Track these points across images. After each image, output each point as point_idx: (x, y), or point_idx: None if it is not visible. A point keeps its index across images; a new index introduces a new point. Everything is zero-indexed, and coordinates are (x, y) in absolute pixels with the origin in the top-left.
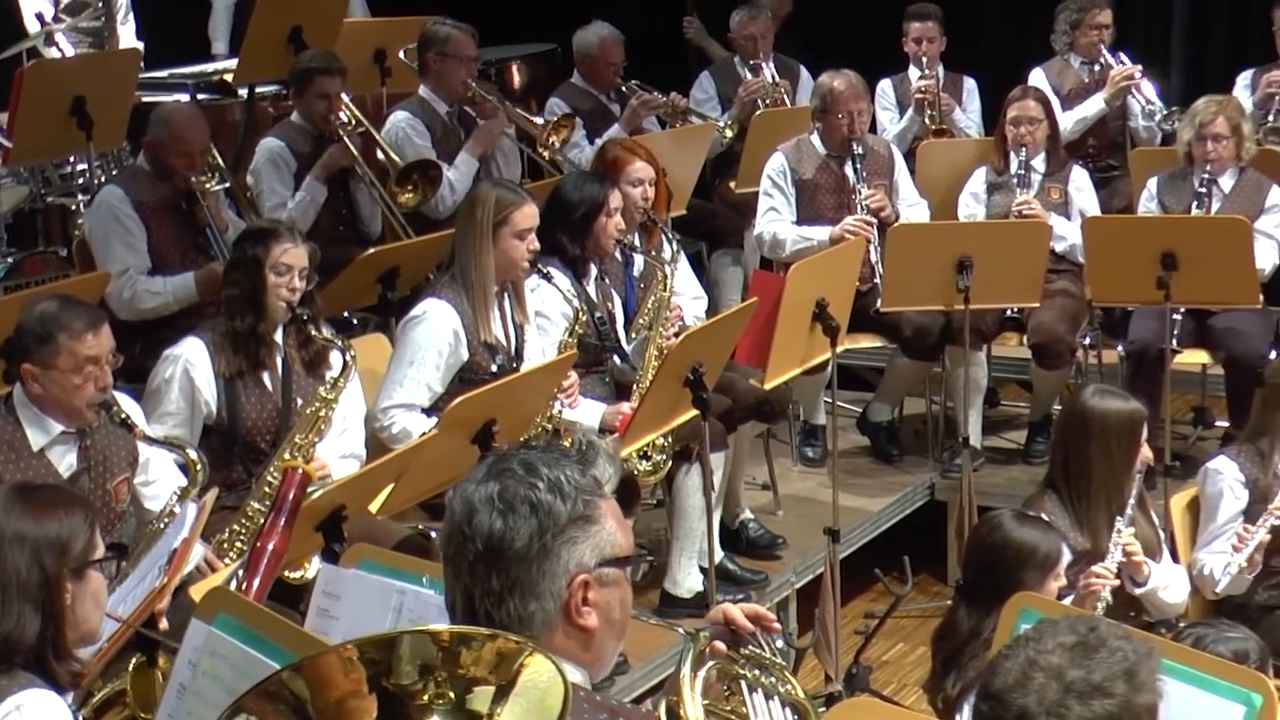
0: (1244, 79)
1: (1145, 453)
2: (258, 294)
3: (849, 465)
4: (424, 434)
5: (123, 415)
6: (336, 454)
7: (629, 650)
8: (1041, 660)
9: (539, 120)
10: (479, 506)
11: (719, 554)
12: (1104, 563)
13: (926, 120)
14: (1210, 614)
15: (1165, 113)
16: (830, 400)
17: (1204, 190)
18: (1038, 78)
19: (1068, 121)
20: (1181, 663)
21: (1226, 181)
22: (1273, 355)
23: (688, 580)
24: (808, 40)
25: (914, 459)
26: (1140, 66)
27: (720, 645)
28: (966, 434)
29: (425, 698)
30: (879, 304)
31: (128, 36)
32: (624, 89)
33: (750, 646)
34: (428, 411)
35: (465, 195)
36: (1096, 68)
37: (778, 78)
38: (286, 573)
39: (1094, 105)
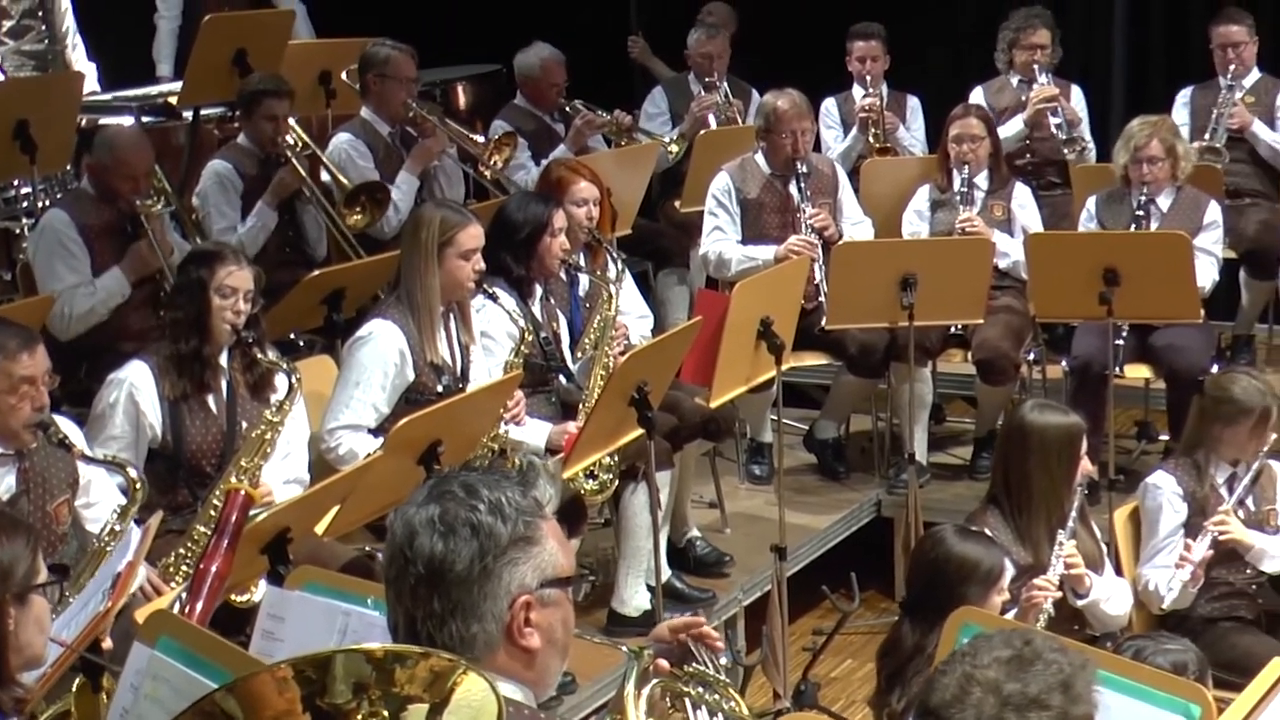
0: (1183, 96)
1: (1086, 466)
2: (202, 317)
3: (796, 483)
4: (369, 455)
5: (61, 436)
6: (281, 478)
7: (576, 670)
8: (978, 675)
9: (480, 139)
10: (420, 529)
11: (666, 572)
12: (1045, 575)
13: (870, 139)
14: (1153, 626)
15: (1068, 138)
16: (776, 418)
17: (1142, 211)
18: (977, 96)
19: None
20: (1121, 674)
21: (1164, 200)
22: (1214, 369)
23: (635, 599)
24: (753, 60)
25: (860, 476)
26: (1055, 89)
27: (664, 663)
28: (912, 450)
29: (359, 716)
30: (824, 322)
31: (80, 60)
32: (567, 109)
33: (694, 664)
34: (374, 432)
35: (410, 216)
36: (1036, 86)
37: (731, 97)
38: (233, 596)
39: (1014, 125)
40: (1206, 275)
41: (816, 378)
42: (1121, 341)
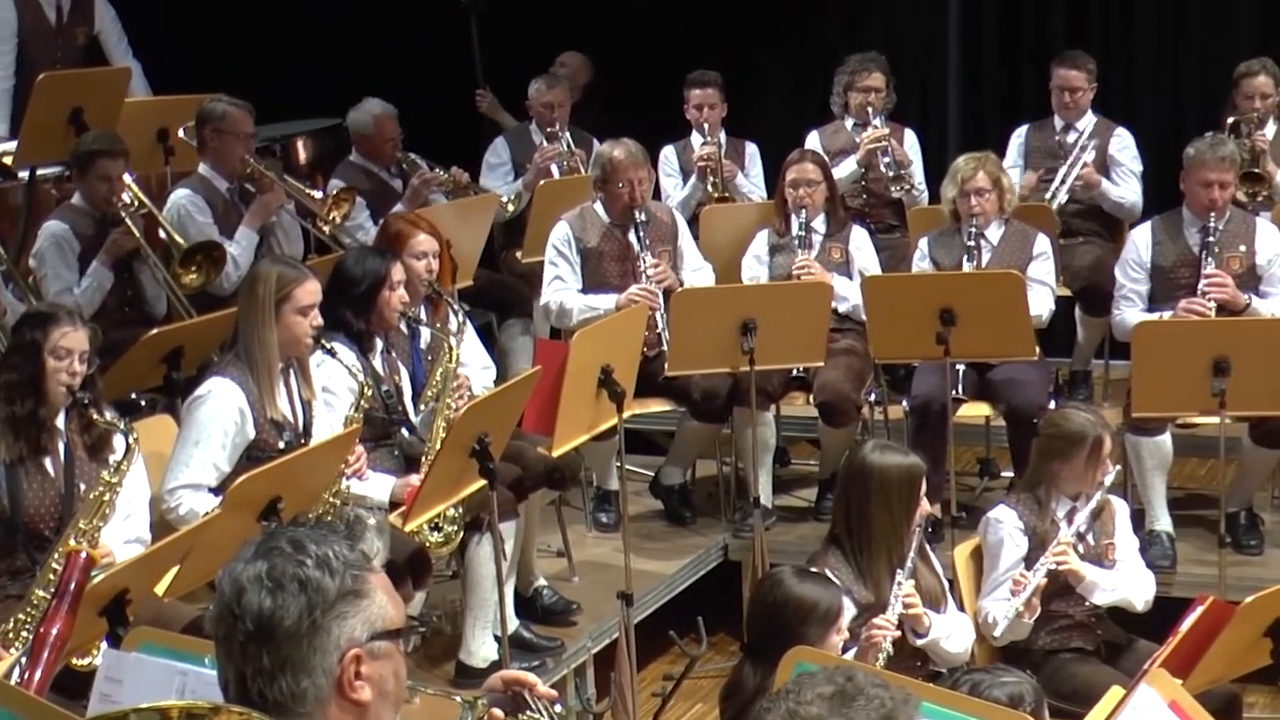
0: (1018, 135)
1: (925, 506)
2: (37, 379)
3: (642, 529)
4: (208, 514)
5: None
6: (121, 539)
7: None
8: (801, 711)
9: (318, 195)
10: (248, 586)
11: (513, 623)
12: (885, 615)
13: (709, 188)
14: (995, 659)
15: (894, 175)
16: (621, 465)
17: (973, 244)
18: (813, 140)
19: None
20: (949, 708)
21: (994, 233)
22: (1052, 405)
23: (483, 650)
24: (592, 110)
25: (707, 520)
26: (887, 130)
27: (498, 712)
28: (758, 494)
29: None
30: (666, 368)
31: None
32: (404, 164)
33: (528, 712)
34: (215, 491)
35: (247, 273)
36: (869, 129)
37: (574, 147)
38: (73, 660)
39: (848, 166)
40: (1043, 304)
41: (661, 424)
42: (960, 378)
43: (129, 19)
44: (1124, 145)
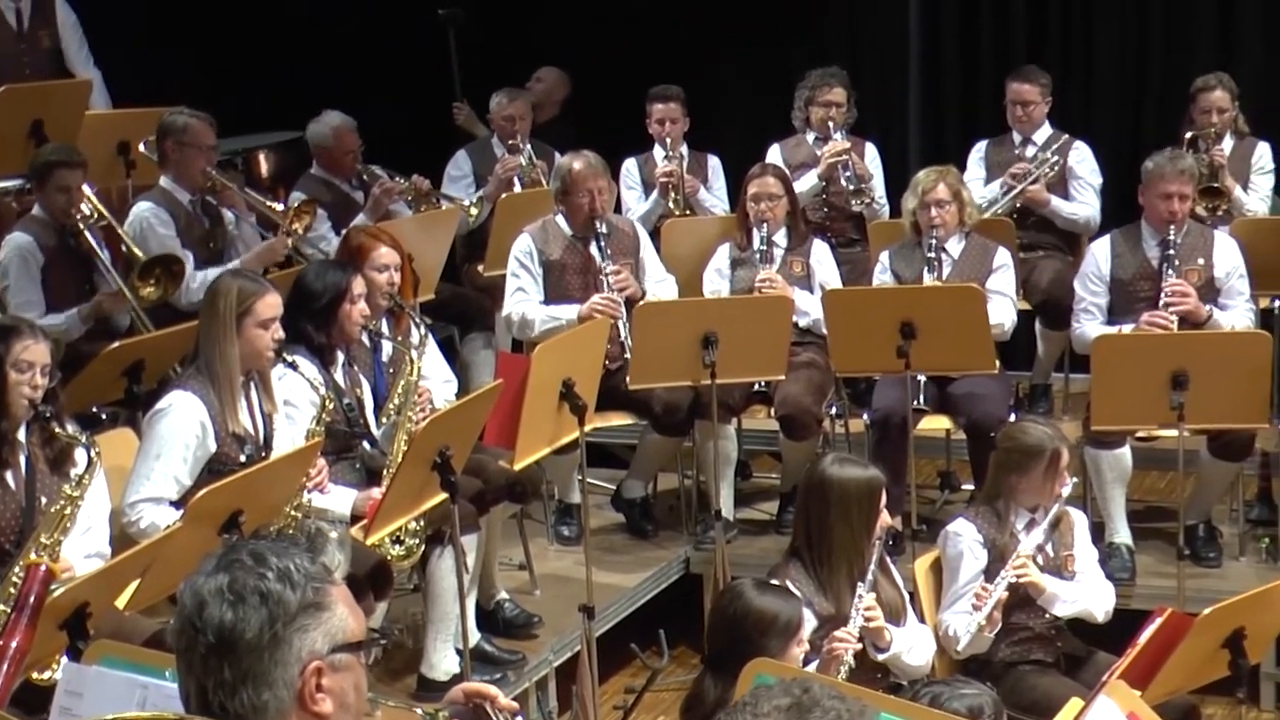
0: (978, 150)
1: (885, 519)
2: None
3: (604, 542)
4: (169, 527)
5: None
6: (82, 553)
7: None
8: None
9: (280, 207)
10: (209, 599)
11: (475, 636)
12: (846, 627)
13: (671, 204)
14: (955, 671)
15: (855, 189)
16: (583, 478)
17: (933, 256)
18: (774, 154)
19: None
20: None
21: (954, 246)
22: (1012, 419)
23: (444, 663)
24: (569, 123)
25: (669, 533)
26: (847, 144)
27: None
28: (719, 507)
29: None
30: (628, 381)
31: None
32: (365, 176)
33: None
34: (176, 505)
35: (208, 286)
36: (832, 143)
37: (535, 159)
38: (33, 674)
39: (809, 180)
40: (1004, 315)
41: (622, 437)
42: (921, 389)
43: (90, 29)
44: (1082, 158)
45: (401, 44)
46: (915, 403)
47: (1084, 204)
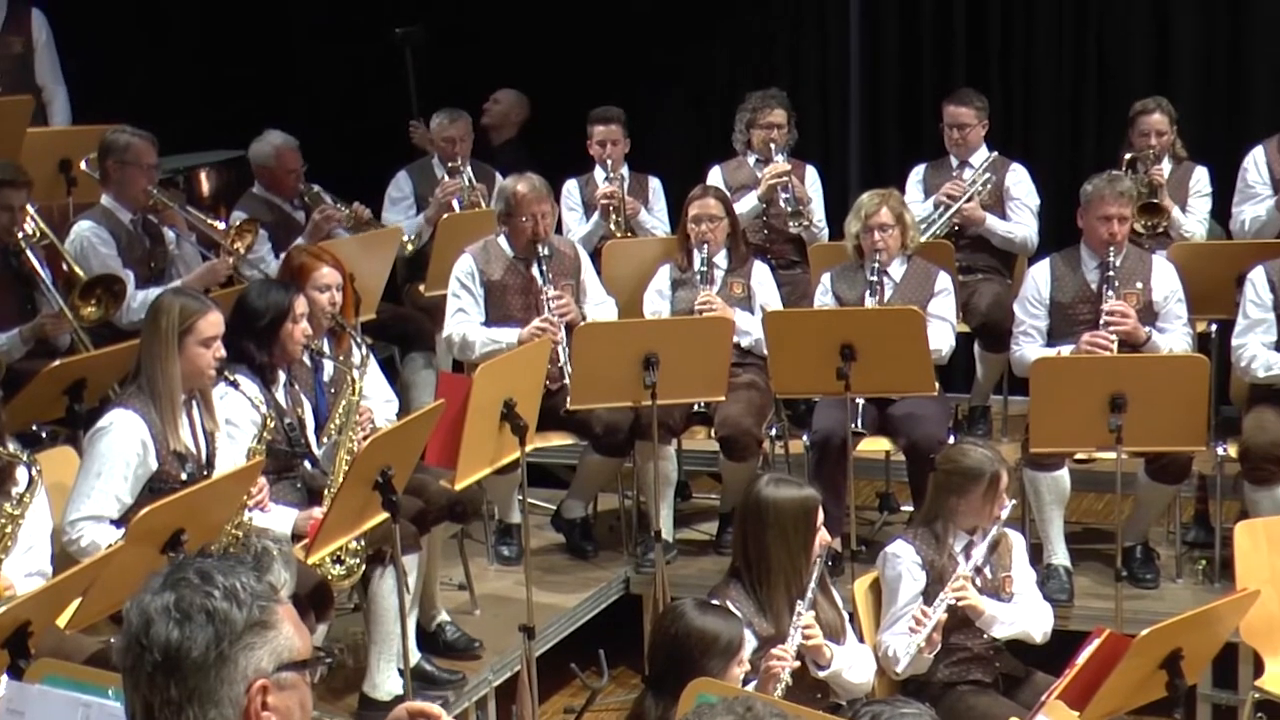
0: (916, 174)
1: (824, 537)
2: None
3: (544, 562)
4: (111, 546)
5: None
6: (23, 571)
7: None
8: None
9: (221, 226)
10: (155, 617)
11: (416, 655)
12: (783, 646)
13: (612, 226)
14: (894, 692)
15: (793, 211)
16: (523, 498)
17: (875, 279)
18: (715, 176)
19: None
20: None
21: (896, 270)
22: (951, 441)
23: (386, 683)
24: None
25: (609, 554)
26: (788, 166)
27: None
28: (659, 527)
29: None
30: (568, 402)
31: None
32: (306, 196)
33: None
34: (117, 523)
35: (150, 305)
36: (772, 165)
37: (475, 181)
38: None
39: (749, 202)
40: (943, 340)
41: (563, 457)
42: (860, 412)
43: None
44: (1019, 180)
45: (357, 62)
46: (854, 426)
47: (1020, 224)
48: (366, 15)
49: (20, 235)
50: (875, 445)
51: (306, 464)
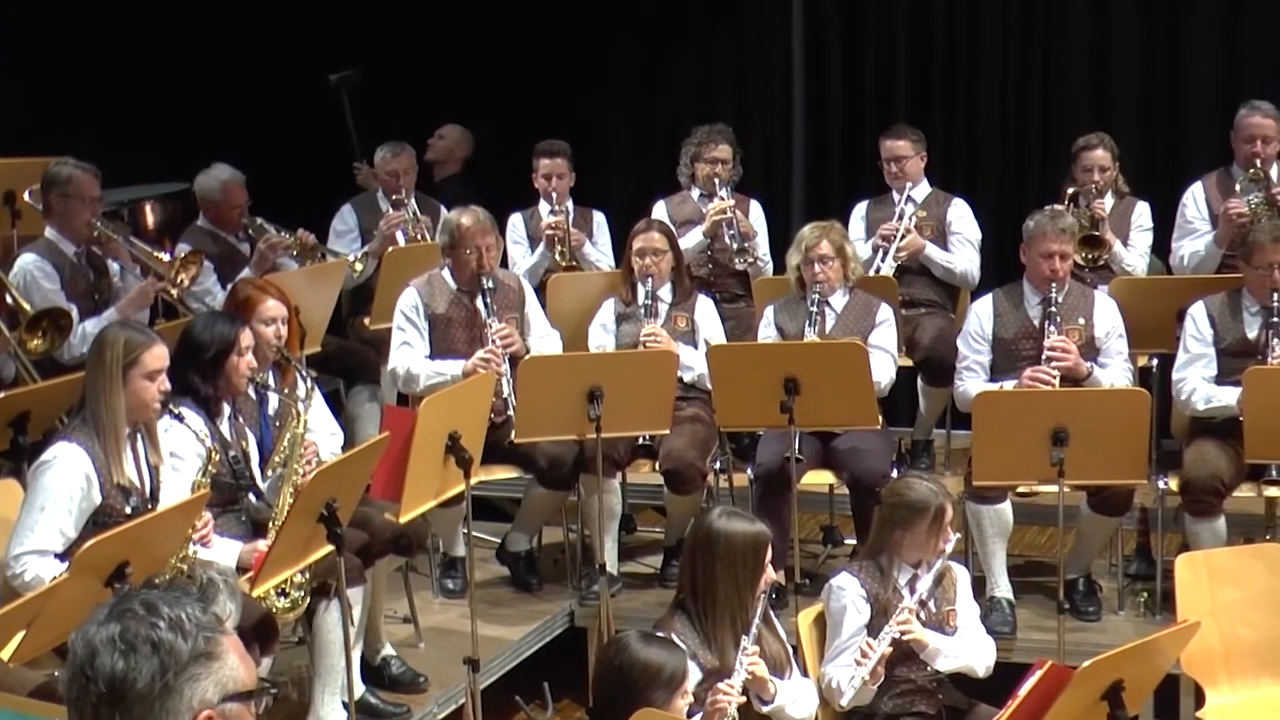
0: (859, 210)
1: (770, 574)
2: None
3: (489, 595)
4: (55, 579)
5: None
6: None
7: None
8: None
9: (166, 258)
10: (100, 648)
11: (360, 688)
12: (729, 680)
13: (557, 257)
14: None
15: (739, 248)
16: (468, 531)
17: (816, 311)
18: (660, 210)
19: None
20: None
21: (838, 301)
22: (894, 474)
23: (330, 717)
24: (472, 180)
25: (553, 587)
26: (732, 201)
27: None
28: (603, 560)
29: None
30: (513, 435)
31: None
32: (251, 230)
33: None
34: (61, 557)
35: (95, 338)
36: (715, 200)
37: (419, 214)
38: None
39: (694, 237)
40: (884, 371)
41: (507, 491)
42: (804, 449)
43: None
44: (961, 214)
45: (297, 103)
46: (798, 459)
47: (962, 258)
48: (304, 59)
49: None
50: (819, 478)
51: (251, 497)
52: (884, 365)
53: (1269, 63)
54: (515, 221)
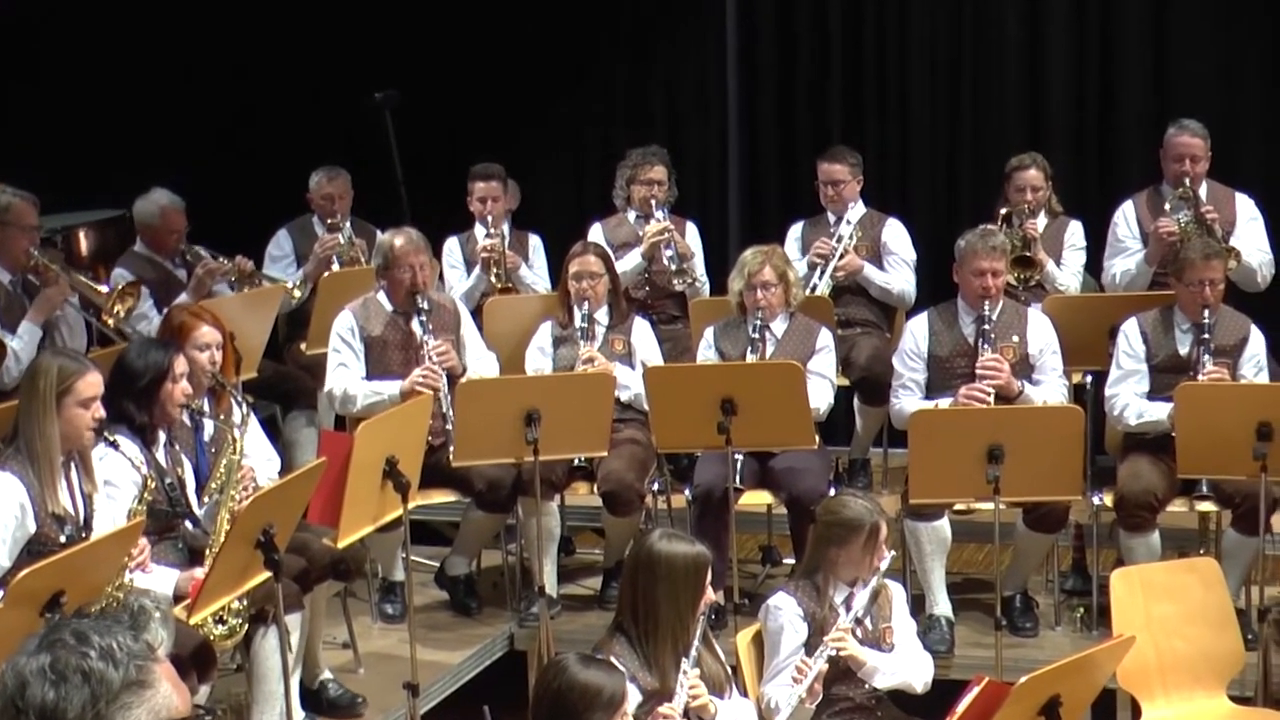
0: (795, 231)
1: (709, 595)
2: None
3: (428, 620)
4: None
5: None
6: None
7: None
8: None
9: (104, 289)
10: (31, 679)
11: (300, 715)
12: (670, 703)
13: (493, 279)
14: None
15: (677, 269)
16: (406, 556)
17: (757, 335)
18: (595, 233)
19: None
20: None
21: (779, 326)
22: (832, 493)
23: None
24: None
25: (492, 610)
26: (669, 223)
27: None
28: (543, 583)
29: None
30: (451, 459)
31: None
32: (188, 255)
33: None
34: None
35: (28, 366)
36: (652, 221)
37: (355, 238)
38: None
39: (632, 260)
40: (822, 398)
41: (446, 514)
42: (740, 467)
43: None
44: (896, 234)
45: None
46: (736, 480)
47: (897, 278)
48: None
49: None
50: (757, 498)
51: (188, 524)
52: (822, 391)
53: (1198, 82)
54: (451, 246)
